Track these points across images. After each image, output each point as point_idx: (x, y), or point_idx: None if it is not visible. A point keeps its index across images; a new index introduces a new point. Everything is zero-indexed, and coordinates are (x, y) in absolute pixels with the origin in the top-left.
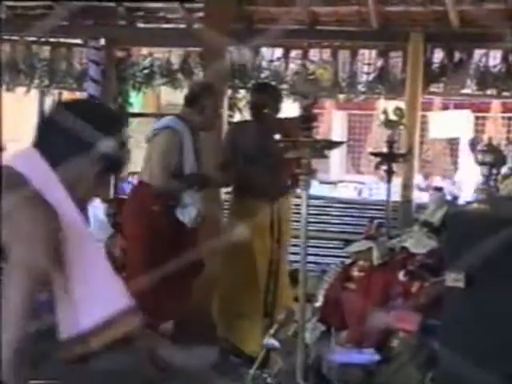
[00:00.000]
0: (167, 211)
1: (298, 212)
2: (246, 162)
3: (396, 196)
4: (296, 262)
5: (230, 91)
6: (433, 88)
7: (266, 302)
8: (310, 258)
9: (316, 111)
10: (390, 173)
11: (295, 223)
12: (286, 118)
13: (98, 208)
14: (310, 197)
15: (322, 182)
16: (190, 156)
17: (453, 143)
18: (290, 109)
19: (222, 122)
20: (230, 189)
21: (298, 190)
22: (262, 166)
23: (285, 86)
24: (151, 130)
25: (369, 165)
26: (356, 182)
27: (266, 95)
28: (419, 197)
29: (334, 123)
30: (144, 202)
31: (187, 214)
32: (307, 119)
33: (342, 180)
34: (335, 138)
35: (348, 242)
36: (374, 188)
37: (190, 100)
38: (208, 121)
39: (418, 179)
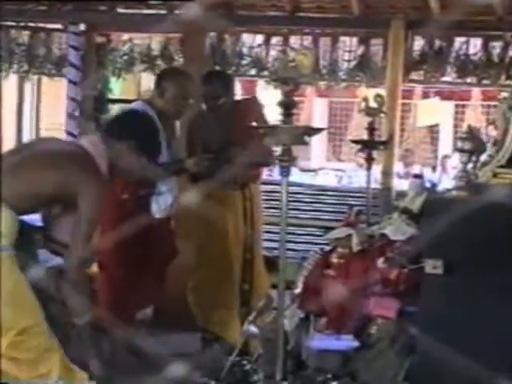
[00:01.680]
0: (138, 200)
1: (278, 199)
2: (208, 151)
3: (376, 183)
4: (276, 249)
5: None
6: (413, 76)
7: (243, 291)
8: (290, 245)
9: (296, 98)
10: (369, 160)
11: (275, 210)
12: (240, 101)
13: None
14: (291, 184)
15: (302, 170)
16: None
17: (433, 131)
18: (272, 96)
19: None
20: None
21: (278, 177)
22: (224, 155)
23: (266, 73)
24: None
25: (349, 152)
26: (336, 170)
27: (217, 84)
28: (399, 184)
29: (314, 110)
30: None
31: (163, 202)
32: (287, 106)
33: (322, 167)
34: (316, 125)
35: (328, 230)
36: (354, 175)
37: (154, 83)
38: (171, 106)
39: (398, 167)
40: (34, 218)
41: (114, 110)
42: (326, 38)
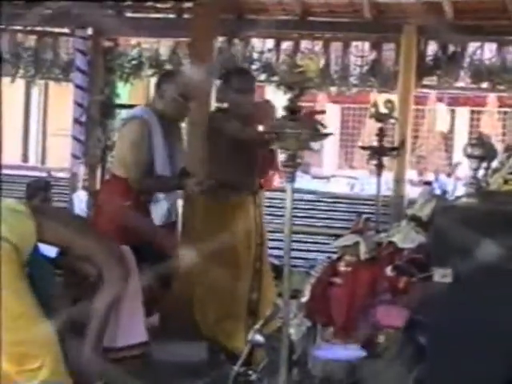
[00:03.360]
0: (140, 206)
1: (283, 206)
2: (225, 153)
3: (390, 191)
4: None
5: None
6: (426, 81)
7: (251, 300)
8: (301, 254)
9: (308, 104)
10: (380, 167)
11: (281, 218)
12: (257, 103)
13: (83, 201)
14: (302, 191)
15: (314, 177)
16: (160, 150)
17: (447, 138)
18: (281, 101)
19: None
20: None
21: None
22: (241, 157)
23: (276, 78)
24: (120, 120)
25: (362, 159)
26: (349, 177)
27: (244, 83)
28: (412, 192)
29: (326, 117)
30: (115, 197)
31: (159, 209)
32: (292, 111)
33: (334, 175)
34: (328, 131)
35: (338, 237)
36: (367, 183)
37: (155, 86)
38: (171, 107)
39: (411, 174)
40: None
41: (122, 115)
42: (338, 42)
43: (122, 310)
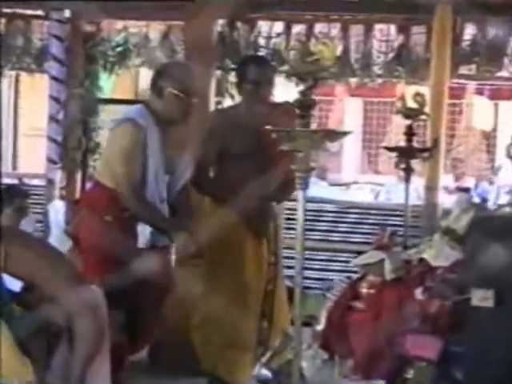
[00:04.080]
0: (125, 224)
1: (294, 218)
2: (237, 157)
3: (420, 200)
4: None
5: (218, 73)
6: (463, 70)
7: (261, 329)
8: (314, 273)
9: (324, 98)
10: (408, 171)
11: (291, 231)
12: (275, 104)
13: (60, 212)
14: (317, 200)
15: (332, 184)
16: (156, 158)
17: (489, 137)
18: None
19: (206, 111)
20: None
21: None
22: (256, 162)
23: (286, 68)
24: (112, 123)
25: (388, 163)
26: (373, 184)
27: (268, 72)
28: (447, 201)
29: (346, 112)
30: (96, 209)
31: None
32: (304, 106)
33: (355, 181)
34: (348, 129)
35: (359, 255)
36: (394, 190)
37: (150, 82)
38: (171, 107)
39: (446, 180)
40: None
41: (106, 112)
42: (358, 25)
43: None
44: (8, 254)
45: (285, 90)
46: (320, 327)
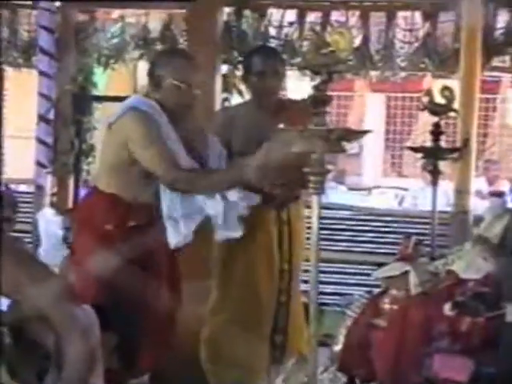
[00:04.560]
0: (127, 233)
1: (309, 226)
2: (240, 155)
3: (448, 205)
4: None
5: (224, 67)
6: (496, 62)
7: (274, 344)
8: (331, 288)
9: (343, 93)
10: (436, 174)
11: (306, 241)
12: (290, 100)
13: (51, 221)
14: (334, 206)
15: (351, 188)
16: (176, 147)
17: None
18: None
19: (212, 109)
20: None
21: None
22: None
23: (300, 60)
24: (109, 119)
25: (413, 165)
26: (397, 188)
27: (278, 66)
28: (480, 206)
29: (367, 109)
30: (94, 217)
31: (176, 230)
32: (318, 102)
33: (378, 185)
34: (370, 127)
35: (381, 266)
36: (421, 195)
37: (147, 72)
38: (171, 98)
39: (479, 183)
40: None
41: (100, 110)
42: (380, 12)
43: None
44: None
45: (298, 85)
46: (338, 347)
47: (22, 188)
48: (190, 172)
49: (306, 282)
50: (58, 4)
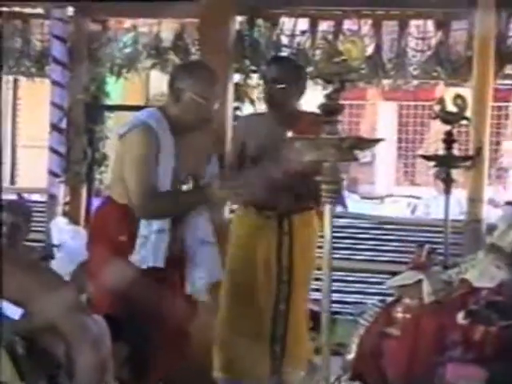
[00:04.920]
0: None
1: (321, 235)
2: (252, 164)
3: (461, 214)
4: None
5: (237, 75)
6: (509, 70)
7: (273, 355)
8: (344, 296)
9: (358, 102)
10: (448, 182)
11: (318, 250)
12: (306, 112)
13: (64, 231)
14: (347, 215)
15: (364, 197)
16: (167, 166)
17: None
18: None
19: (223, 118)
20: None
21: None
22: (272, 171)
23: (311, 69)
24: (119, 130)
25: (426, 173)
26: (409, 197)
27: (291, 75)
28: (493, 215)
29: (380, 118)
30: (108, 228)
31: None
32: (330, 111)
33: (390, 194)
34: (382, 136)
35: (394, 275)
36: (434, 204)
37: (167, 85)
38: (189, 113)
39: (492, 192)
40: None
41: (113, 119)
42: (392, 21)
43: None
44: (2, 276)
45: (311, 94)
46: (351, 356)
47: (35, 197)
48: (157, 200)
49: (316, 290)
50: (70, 13)
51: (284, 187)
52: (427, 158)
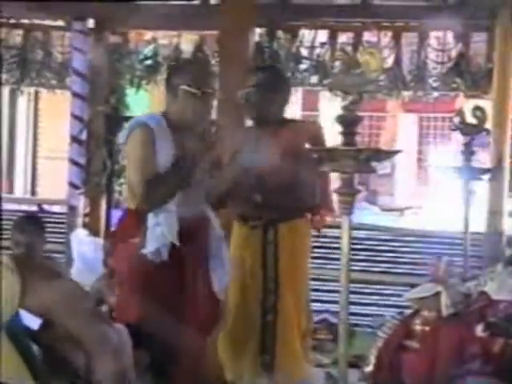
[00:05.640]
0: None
1: (338, 247)
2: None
3: (481, 226)
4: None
5: None
6: None
7: (263, 365)
8: (362, 308)
9: (378, 114)
10: (467, 194)
11: (336, 262)
12: (293, 121)
13: (84, 242)
14: (366, 227)
15: (384, 209)
16: (165, 162)
17: None
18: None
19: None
20: None
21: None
22: (254, 180)
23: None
24: (120, 136)
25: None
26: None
27: (273, 86)
28: None
29: (400, 129)
30: (124, 233)
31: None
32: (348, 122)
33: (410, 206)
34: (402, 147)
35: (412, 287)
36: (455, 216)
37: (165, 86)
38: (186, 107)
39: None
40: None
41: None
42: (412, 33)
43: None
44: (24, 287)
45: (330, 105)
46: (369, 369)
47: (55, 208)
48: (152, 194)
49: (334, 302)
50: (91, 26)
51: (268, 197)
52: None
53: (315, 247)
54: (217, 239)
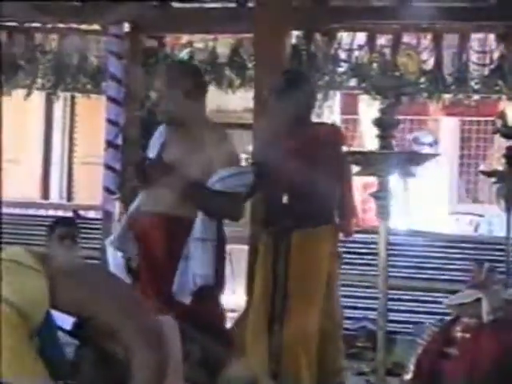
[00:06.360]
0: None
1: (375, 252)
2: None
3: None
4: (390, 321)
5: None
6: None
7: (272, 374)
8: (401, 316)
9: (418, 117)
10: (510, 198)
11: (373, 268)
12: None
13: None
14: (405, 233)
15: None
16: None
17: None
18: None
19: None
20: None
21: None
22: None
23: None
24: None
25: (489, 190)
26: (472, 214)
27: (298, 91)
28: None
29: (441, 133)
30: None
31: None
32: (385, 125)
33: (452, 211)
34: (444, 152)
35: (452, 294)
36: (497, 222)
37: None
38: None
39: None
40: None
41: None
42: (453, 34)
43: None
44: (56, 286)
45: (368, 109)
46: (408, 376)
47: (91, 214)
48: None
49: (372, 309)
50: (126, 30)
51: (283, 204)
52: (488, 173)
53: (359, 253)
54: (194, 240)
